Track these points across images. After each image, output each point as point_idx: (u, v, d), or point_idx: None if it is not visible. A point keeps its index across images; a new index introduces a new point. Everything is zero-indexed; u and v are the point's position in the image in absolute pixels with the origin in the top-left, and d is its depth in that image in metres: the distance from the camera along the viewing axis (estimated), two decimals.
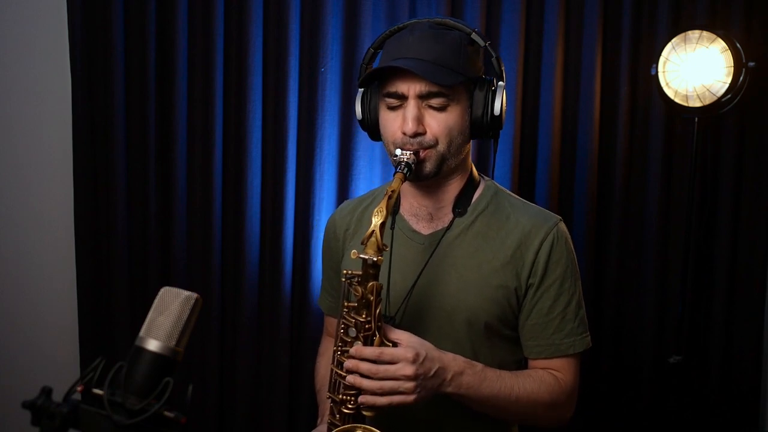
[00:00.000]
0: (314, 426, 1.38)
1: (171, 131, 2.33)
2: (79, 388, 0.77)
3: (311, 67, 2.28)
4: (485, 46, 1.26)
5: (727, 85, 1.95)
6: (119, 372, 0.78)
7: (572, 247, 1.32)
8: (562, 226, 1.32)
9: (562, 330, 1.29)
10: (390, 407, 1.14)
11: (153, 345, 0.79)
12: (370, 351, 1.13)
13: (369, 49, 1.33)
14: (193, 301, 0.83)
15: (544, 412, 1.28)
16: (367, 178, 2.27)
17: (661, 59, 2.03)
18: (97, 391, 0.77)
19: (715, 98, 1.97)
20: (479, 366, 1.21)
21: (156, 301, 0.83)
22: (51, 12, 2.38)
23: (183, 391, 0.79)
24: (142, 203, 2.37)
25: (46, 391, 0.76)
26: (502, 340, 1.31)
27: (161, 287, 0.84)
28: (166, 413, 0.75)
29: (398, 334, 1.16)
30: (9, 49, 2.43)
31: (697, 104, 1.99)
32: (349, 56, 2.26)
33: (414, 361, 1.12)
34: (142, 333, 0.81)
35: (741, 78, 1.95)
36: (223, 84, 2.33)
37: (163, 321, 0.81)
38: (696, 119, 2.04)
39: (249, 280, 2.36)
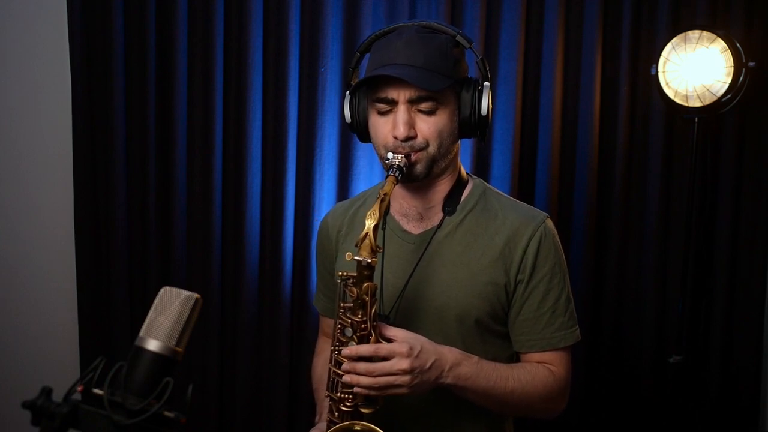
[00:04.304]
0: (313, 425, 1.39)
1: (171, 131, 2.33)
2: (79, 388, 0.77)
3: (311, 67, 2.28)
4: (470, 47, 1.28)
5: (727, 85, 1.95)
6: (119, 372, 0.78)
7: (559, 243, 1.35)
8: (549, 223, 1.35)
9: (552, 324, 1.31)
10: (386, 398, 1.17)
11: (153, 345, 0.80)
12: (366, 348, 1.16)
13: (356, 52, 1.35)
14: (193, 301, 0.83)
15: (539, 404, 1.30)
16: (367, 178, 2.27)
17: (661, 59, 2.03)
18: (97, 391, 0.77)
19: (715, 98, 1.96)
20: (475, 358, 1.24)
21: (156, 301, 0.83)
22: (51, 12, 2.38)
23: (183, 391, 0.79)
24: (142, 203, 2.37)
25: (46, 391, 0.76)
26: (493, 335, 1.33)
27: (161, 287, 0.85)
28: (166, 413, 0.75)
29: (393, 331, 1.19)
30: (9, 49, 2.43)
31: (697, 104, 1.99)
32: (349, 56, 2.26)
33: (408, 355, 1.14)
34: (142, 333, 0.81)
35: (741, 78, 1.95)
36: (223, 84, 2.33)
37: (163, 321, 0.81)
38: (696, 119, 2.04)
39: (249, 280, 2.36)
